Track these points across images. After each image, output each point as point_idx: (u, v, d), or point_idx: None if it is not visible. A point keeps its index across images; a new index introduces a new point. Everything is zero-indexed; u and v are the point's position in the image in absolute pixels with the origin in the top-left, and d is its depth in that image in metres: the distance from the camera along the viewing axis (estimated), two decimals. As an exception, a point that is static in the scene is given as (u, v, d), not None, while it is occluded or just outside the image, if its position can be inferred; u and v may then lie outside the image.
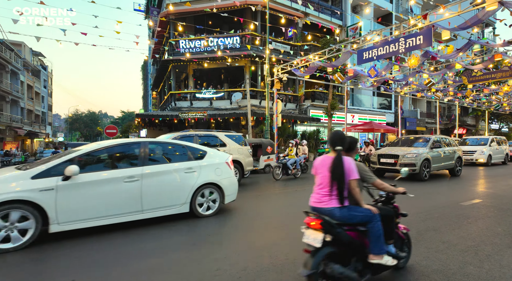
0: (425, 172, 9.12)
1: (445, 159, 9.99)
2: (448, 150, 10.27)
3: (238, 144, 8.62)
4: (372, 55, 8.75)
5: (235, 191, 5.29)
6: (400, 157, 9.16)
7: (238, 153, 8.40)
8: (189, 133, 7.91)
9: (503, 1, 5.52)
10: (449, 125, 31.64)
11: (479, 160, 14.37)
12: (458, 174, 10.44)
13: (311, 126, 21.26)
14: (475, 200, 6.20)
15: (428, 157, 9.19)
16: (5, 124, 27.44)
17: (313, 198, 2.44)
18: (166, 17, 18.93)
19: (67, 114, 67.43)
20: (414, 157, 8.99)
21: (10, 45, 28.83)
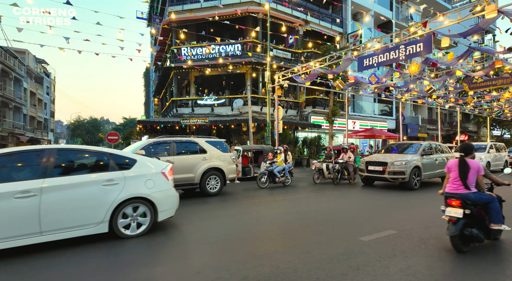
0: (416, 180, 8.72)
1: (437, 167, 9.54)
2: (441, 156, 9.85)
3: (220, 150, 8.21)
4: (373, 62, 8.80)
5: (172, 205, 4.58)
6: (388, 164, 8.69)
7: (219, 159, 8.03)
8: (164, 140, 7.50)
9: (502, 10, 5.57)
10: (451, 131, 31.58)
11: None
12: None
13: (312, 133, 21.25)
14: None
15: (418, 165, 8.75)
16: (8, 131, 27.57)
17: (449, 187, 3.62)
18: (168, 25, 19.15)
19: (69, 121, 67.73)
20: (403, 165, 8.52)
21: (14, 53, 29.16)
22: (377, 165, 9.07)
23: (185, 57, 18.60)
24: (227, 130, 20.41)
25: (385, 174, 8.74)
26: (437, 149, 10.12)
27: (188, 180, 7.45)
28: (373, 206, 6.36)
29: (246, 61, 17.88)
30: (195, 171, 7.52)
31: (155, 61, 29.17)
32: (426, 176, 9.20)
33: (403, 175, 8.46)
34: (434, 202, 6.67)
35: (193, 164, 7.52)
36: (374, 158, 9.36)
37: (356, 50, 10.49)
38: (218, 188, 7.91)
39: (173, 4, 18.68)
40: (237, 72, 19.56)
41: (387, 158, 8.99)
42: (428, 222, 4.91)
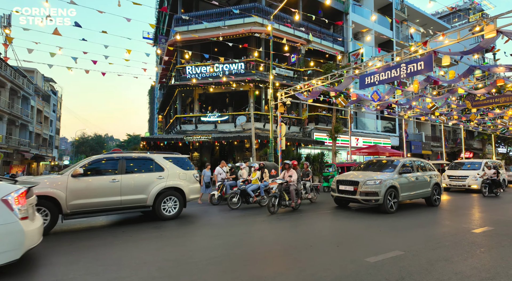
0: (392, 202, 7.70)
1: (418, 186, 8.55)
2: (423, 175, 8.87)
3: (180, 167, 7.37)
4: (374, 80, 8.89)
5: (13, 246, 3.29)
6: (360, 184, 7.68)
7: (179, 178, 7.20)
8: (109, 156, 6.59)
9: (502, 30, 5.66)
10: (455, 149, 31.34)
11: (472, 186, 13.09)
12: (436, 203, 8.99)
13: (315, 149, 21.20)
14: (486, 227, 5.99)
15: (394, 184, 7.77)
16: (13, 148, 27.84)
17: None
18: (173, 45, 19.67)
19: (74, 138, 68.42)
20: (376, 184, 7.54)
21: (24, 72, 29.95)
22: (348, 184, 8.04)
23: (189, 76, 18.95)
24: (230, 147, 20.45)
25: (356, 195, 7.75)
26: (419, 166, 9.19)
27: (139, 202, 6.57)
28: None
29: (249, 79, 18.17)
30: (148, 191, 6.64)
31: (160, 79, 29.75)
32: (405, 197, 8.20)
33: (376, 196, 7.48)
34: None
35: (145, 183, 6.66)
36: (346, 176, 8.40)
37: (357, 69, 10.64)
38: (175, 210, 6.99)
39: (178, 25, 19.26)
40: (240, 90, 19.84)
41: (359, 176, 8.06)
42: (435, 243, 4.76)
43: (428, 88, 15.12)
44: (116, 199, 6.26)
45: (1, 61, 24.44)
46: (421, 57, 7.67)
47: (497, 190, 11.94)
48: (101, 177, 6.25)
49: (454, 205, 9.68)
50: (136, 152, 7.42)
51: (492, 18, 5.88)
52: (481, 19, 6.10)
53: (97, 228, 6.31)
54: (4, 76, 24.91)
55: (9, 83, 26.15)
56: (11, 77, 26.10)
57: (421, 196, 8.79)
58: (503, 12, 5.85)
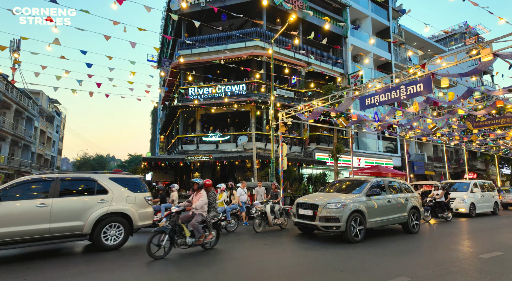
0: (357, 229, 6.66)
1: (391, 210, 7.53)
2: (397, 197, 7.86)
3: (130, 189, 6.54)
4: (374, 101, 8.98)
5: None
6: (319, 207, 6.67)
7: (126, 201, 6.29)
8: (37, 177, 5.81)
9: (498, 53, 5.79)
10: (459, 169, 31.06)
11: (459, 209, 12.12)
12: (414, 230, 7.96)
13: (317, 169, 21.06)
14: (495, 252, 5.80)
15: (360, 208, 6.77)
16: (14, 169, 27.83)
17: None
18: (177, 68, 20.15)
19: (75, 158, 68.49)
20: (338, 208, 6.53)
21: (29, 94, 30.56)
22: (307, 208, 6.99)
23: (192, 97, 19.25)
24: (231, 167, 20.35)
25: (315, 220, 6.70)
26: (393, 188, 8.20)
27: (73, 230, 5.62)
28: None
29: (251, 100, 18.42)
30: (85, 217, 5.73)
31: (163, 100, 30.22)
32: (374, 223, 7.13)
33: (337, 222, 6.45)
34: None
35: (82, 208, 5.77)
36: (307, 198, 7.40)
37: (357, 90, 10.79)
38: (119, 239, 6.05)
39: (182, 49, 19.81)
40: (242, 111, 20.05)
41: (320, 199, 7.07)
42: (442, 269, 4.59)
43: (428, 109, 15.25)
44: (43, 227, 5.36)
45: (8, 84, 25.01)
46: (420, 79, 7.80)
47: (444, 214, 10.89)
48: (25, 201, 5.39)
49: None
50: (78, 171, 6.66)
51: (488, 42, 6.04)
52: (477, 43, 6.26)
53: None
54: (10, 98, 25.38)
55: (14, 104, 26.60)
56: (16, 99, 26.58)
57: (395, 222, 7.73)
58: (498, 37, 6.02)
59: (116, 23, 8.11)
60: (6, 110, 26.43)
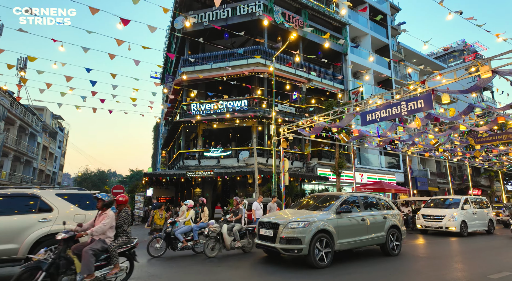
0: (322, 252, 5.79)
1: (365, 230, 6.66)
2: (373, 215, 7.03)
3: (81, 206, 5.82)
4: (375, 117, 9.00)
5: None
6: (280, 226, 5.84)
7: (74, 220, 5.54)
8: None
9: (497, 70, 5.86)
10: (463, 185, 30.68)
11: (450, 228, 11.17)
12: (394, 252, 7.11)
13: (319, 185, 20.88)
14: (504, 273, 5.61)
15: (327, 228, 5.92)
16: (15, 185, 27.78)
17: None
18: (179, 84, 20.45)
19: (76, 174, 68.38)
20: (300, 228, 5.69)
21: (34, 110, 30.96)
22: (268, 227, 6.16)
23: (194, 112, 19.42)
24: (232, 182, 20.23)
25: (276, 242, 5.85)
26: (369, 204, 7.32)
27: (4, 254, 4.81)
28: None
29: (252, 115, 18.54)
30: (21, 239, 4.95)
31: (165, 116, 30.48)
32: (345, 245, 6.25)
33: (299, 244, 5.59)
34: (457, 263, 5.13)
35: (18, 228, 5.00)
36: (268, 217, 6.64)
37: (358, 106, 10.86)
38: None
39: (185, 66, 20.20)
40: (244, 126, 20.15)
41: (283, 216, 6.27)
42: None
43: (429, 125, 15.26)
44: None
45: (13, 100, 25.39)
46: (420, 95, 7.86)
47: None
48: None
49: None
50: (20, 187, 6.22)
51: (486, 60, 6.13)
52: (475, 60, 6.35)
53: None
54: (14, 114, 25.70)
55: (18, 121, 26.89)
56: (21, 115, 26.91)
57: (371, 243, 6.83)
58: (496, 54, 6.10)
59: (121, 42, 8.32)
60: (10, 126, 26.69)
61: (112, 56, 9.07)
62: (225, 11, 20.01)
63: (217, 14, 20.16)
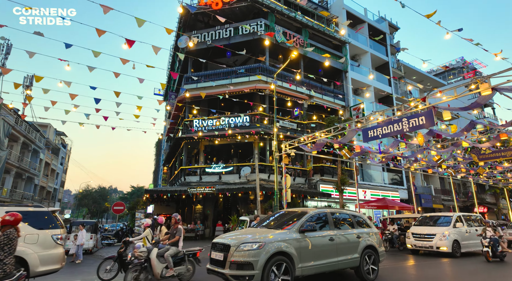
0: (279, 279, 4.98)
1: (334, 251, 5.82)
2: (345, 234, 6.22)
3: (30, 225, 5.28)
4: (377, 133, 9.02)
5: None
6: (231, 249, 5.00)
7: (23, 241, 5.13)
8: None
9: (497, 88, 5.92)
10: (468, 203, 30.17)
11: (441, 248, 10.28)
12: (370, 277, 6.31)
13: (322, 202, 20.61)
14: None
15: (286, 249, 5.10)
16: (16, 202, 27.57)
17: None
18: (182, 101, 20.70)
19: (77, 190, 68.06)
20: (253, 250, 4.88)
21: (37, 127, 31.27)
22: (219, 250, 5.31)
23: (196, 129, 19.54)
24: (234, 199, 20.03)
25: (225, 267, 4.99)
26: (340, 221, 6.53)
27: None
28: None
29: (254, 131, 18.62)
30: None
31: (167, 132, 30.66)
32: (309, 269, 5.38)
33: (250, 270, 4.78)
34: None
35: None
36: (222, 237, 5.68)
37: (360, 122, 10.90)
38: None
39: (188, 83, 20.54)
40: (245, 142, 20.19)
41: (237, 237, 5.38)
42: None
43: (431, 141, 15.24)
44: None
45: (18, 118, 25.71)
46: (422, 112, 7.90)
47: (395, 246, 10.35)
48: None
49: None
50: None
51: (486, 77, 6.20)
52: (475, 78, 6.42)
53: None
54: (18, 131, 25.94)
55: (22, 137, 27.10)
56: (25, 132, 27.15)
57: (342, 266, 5.96)
58: (495, 72, 6.18)
59: (126, 61, 8.51)
60: (13, 143, 26.87)
61: (117, 75, 9.25)
62: (227, 30, 20.56)
63: (219, 34, 20.70)
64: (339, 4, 25.76)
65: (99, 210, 65.88)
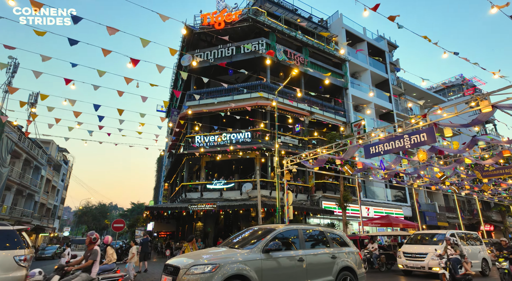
0: None
1: (303, 274, 5.20)
2: (317, 253, 5.62)
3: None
4: (379, 150, 9.00)
5: None
6: (180, 272, 4.44)
7: None
8: None
9: (497, 105, 5.97)
10: (473, 220, 29.57)
11: (433, 268, 9.37)
12: None
13: (325, 219, 20.29)
14: None
15: (244, 272, 4.53)
16: (15, 219, 27.27)
17: None
18: (184, 118, 20.89)
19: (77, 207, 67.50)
20: (205, 273, 4.34)
21: (40, 143, 31.44)
22: (168, 273, 4.78)
23: (198, 145, 19.60)
24: (235, 216, 19.76)
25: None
26: (312, 239, 5.93)
27: None
28: None
29: (255, 147, 18.64)
30: None
31: (169, 148, 30.73)
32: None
33: None
34: None
35: None
36: (174, 259, 5.16)
37: (361, 139, 10.92)
38: None
39: (190, 100, 20.80)
40: (247, 158, 20.17)
41: (191, 258, 4.79)
42: None
43: (434, 158, 15.17)
44: None
45: (21, 135, 25.91)
46: (423, 128, 7.92)
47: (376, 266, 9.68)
48: None
49: None
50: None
51: (485, 95, 6.26)
52: (475, 96, 6.48)
53: None
54: (21, 148, 26.07)
55: (24, 154, 27.20)
56: (27, 149, 27.27)
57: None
58: (494, 90, 6.25)
59: (129, 80, 8.67)
60: (16, 160, 26.92)
61: (121, 93, 9.40)
62: (229, 49, 21.04)
63: (222, 52, 21.18)
64: (339, 24, 26.43)
65: (99, 227, 65.00)
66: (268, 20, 21.28)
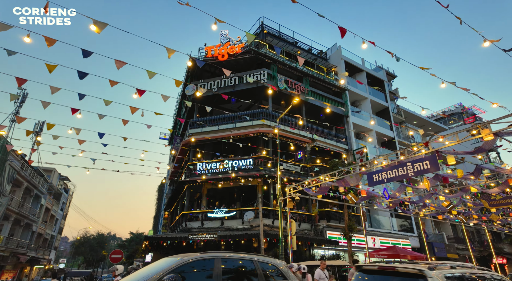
0: None
1: None
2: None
3: None
4: (382, 178, 8.92)
5: None
6: None
7: None
8: None
9: (498, 133, 6.00)
10: (484, 252, 28.31)
11: None
12: None
13: (330, 250, 19.56)
14: None
15: None
16: (10, 250, 26.46)
17: None
18: (187, 145, 21.02)
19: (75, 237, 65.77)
20: None
21: (42, 172, 31.40)
22: None
23: (199, 172, 19.52)
24: (236, 246, 19.11)
25: None
26: (234, 271, 4.46)
27: None
28: None
29: (258, 174, 18.51)
30: None
31: (171, 176, 30.53)
32: None
33: None
34: None
35: None
36: None
37: (363, 166, 10.85)
38: None
39: (193, 128, 21.06)
40: (249, 185, 19.95)
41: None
42: None
43: (439, 186, 14.94)
44: None
45: (24, 163, 25.96)
46: (425, 156, 7.90)
47: None
48: None
49: None
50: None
51: (486, 123, 6.32)
52: (475, 124, 6.54)
53: None
54: (23, 176, 25.99)
55: (26, 182, 27.05)
56: (29, 177, 27.18)
57: None
58: (494, 118, 6.30)
59: (135, 109, 8.87)
60: (16, 189, 26.71)
61: (125, 122, 9.57)
62: (232, 79, 21.70)
63: (225, 82, 21.81)
64: (338, 55, 27.39)
65: (96, 259, 62.80)
66: (269, 52, 22.13)
